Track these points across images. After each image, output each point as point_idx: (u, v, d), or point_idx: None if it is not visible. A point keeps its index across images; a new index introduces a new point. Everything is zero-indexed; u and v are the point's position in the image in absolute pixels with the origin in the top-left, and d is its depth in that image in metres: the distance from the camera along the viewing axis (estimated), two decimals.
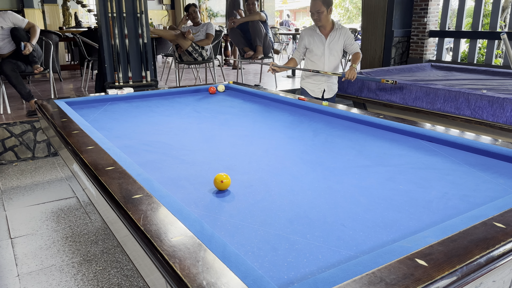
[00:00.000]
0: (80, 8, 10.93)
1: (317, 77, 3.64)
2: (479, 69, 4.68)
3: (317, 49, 3.57)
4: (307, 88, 3.71)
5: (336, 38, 3.55)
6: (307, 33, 3.60)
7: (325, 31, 3.56)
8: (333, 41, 3.55)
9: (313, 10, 3.47)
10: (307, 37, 3.59)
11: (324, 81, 3.64)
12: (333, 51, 3.57)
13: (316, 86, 3.66)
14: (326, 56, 3.57)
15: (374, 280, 0.84)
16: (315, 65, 3.62)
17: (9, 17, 4.36)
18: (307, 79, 3.71)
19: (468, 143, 1.80)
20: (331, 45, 3.55)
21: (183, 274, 0.86)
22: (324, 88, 3.65)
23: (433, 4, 6.38)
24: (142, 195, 1.25)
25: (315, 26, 3.58)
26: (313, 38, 3.57)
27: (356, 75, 3.43)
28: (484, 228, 1.04)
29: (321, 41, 3.55)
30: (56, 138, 2.17)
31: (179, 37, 5.53)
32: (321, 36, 3.55)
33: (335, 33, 3.55)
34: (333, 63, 3.62)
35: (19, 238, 2.55)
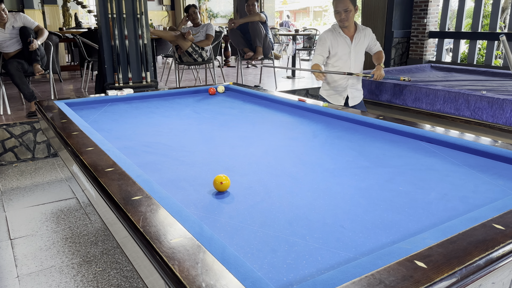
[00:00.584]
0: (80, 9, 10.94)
1: (338, 84, 3.35)
2: (479, 70, 4.69)
3: (342, 52, 3.27)
4: (328, 97, 3.43)
5: (362, 39, 3.30)
6: (330, 36, 3.28)
7: (350, 32, 3.27)
8: (359, 43, 3.29)
9: (340, 9, 3.15)
10: (330, 40, 3.27)
11: (347, 87, 3.33)
12: (358, 53, 3.31)
13: (338, 93, 3.38)
14: (352, 60, 3.28)
15: (373, 282, 0.84)
16: (338, 70, 3.31)
17: (21, 18, 4.52)
18: (327, 86, 3.41)
19: (468, 144, 1.80)
20: (357, 47, 3.28)
21: (182, 276, 0.86)
22: (347, 95, 3.36)
23: (433, 5, 6.39)
24: (142, 196, 1.25)
25: (336, 28, 3.29)
26: (337, 40, 3.27)
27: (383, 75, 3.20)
28: (483, 229, 1.04)
29: (347, 43, 3.26)
30: (56, 139, 2.17)
31: (179, 38, 5.54)
32: (346, 38, 3.26)
33: (359, 34, 3.28)
34: (359, 67, 3.36)
35: (19, 239, 2.55)
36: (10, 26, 4.47)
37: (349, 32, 3.28)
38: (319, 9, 24.20)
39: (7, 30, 4.47)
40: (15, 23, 4.48)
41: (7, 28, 4.46)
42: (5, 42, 4.50)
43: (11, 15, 4.49)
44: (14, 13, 4.54)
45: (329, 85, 3.39)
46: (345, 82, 3.32)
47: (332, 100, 3.39)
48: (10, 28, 4.48)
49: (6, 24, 4.45)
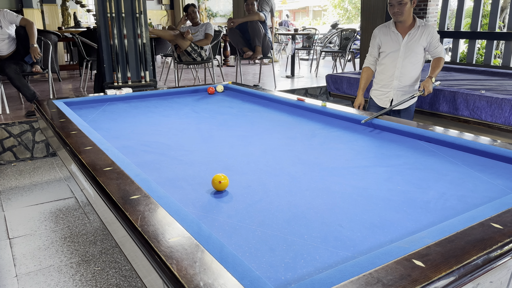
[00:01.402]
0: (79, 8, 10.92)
1: (384, 83, 3.10)
2: (478, 70, 4.69)
3: (391, 49, 2.99)
4: (374, 96, 3.19)
5: (417, 37, 2.93)
6: (381, 31, 3.05)
7: (404, 28, 2.96)
8: (413, 41, 2.93)
9: (394, 1, 2.85)
10: (380, 36, 3.06)
11: (394, 88, 3.04)
12: (411, 53, 2.95)
13: (383, 94, 3.11)
14: (400, 59, 2.97)
15: (371, 281, 0.84)
16: (385, 69, 3.06)
17: (4, 15, 4.32)
18: (375, 85, 3.19)
19: (467, 143, 1.80)
20: (409, 45, 2.94)
21: (180, 275, 0.86)
22: (392, 98, 3.08)
23: (432, 5, 6.39)
24: (140, 195, 1.25)
25: (390, 23, 3.02)
26: (388, 36, 3.00)
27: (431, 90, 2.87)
28: (481, 229, 1.04)
29: (397, 40, 2.97)
30: (55, 139, 2.17)
31: (178, 37, 5.53)
32: (398, 35, 2.96)
33: (416, 31, 2.93)
34: (409, 69, 2.99)
35: (17, 238, 2.55)
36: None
37: (403, 28, 2.96)
38: (318, 9, 24.20)
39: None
40: (2, 23, 4.30)
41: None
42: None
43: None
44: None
45: (376, 85, 3.18)
46: (390, 82, 3.05)
47: (377, 101, 3.17)
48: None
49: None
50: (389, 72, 3.03)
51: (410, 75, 3.02)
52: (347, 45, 7.13)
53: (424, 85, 2.86)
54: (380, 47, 3.08)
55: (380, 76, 3.12)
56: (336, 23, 12.01)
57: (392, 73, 3.02)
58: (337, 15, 20.89)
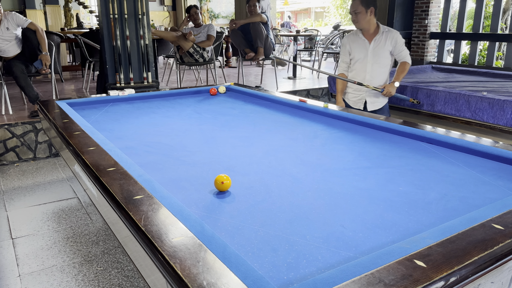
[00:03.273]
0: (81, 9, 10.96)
1: (358, 87, 3.31)
2: (480, 71, 4.69)
3: (359, 55, 3.26)
4: (348, 99, 3.42)
5: (382, 42, 3.21)
6: (350, 38, 3.32)
7: (369, 35, 3.24)
8: (379, 46, 3.21)
9: (351, 11, 3.21)
10: (349, 43, 3.31)
11: (366, 91, 3.29)
12: (378, 58, 3.21)
13: (356, 96, 3.36)
14: (369, 64, 3.23)
15: (373, 280, 0.84)
16: (356, 74, 3.29)
17: (13, 17, 4.37)
18: (347, 89, 3.41)
19: (468, 145, 1.81)
20: (375, 50, 3.21)
21: (183, 274, 0.87)
22: (365, 100, 3.33)
23: (434, 6, 6.39)
24: (143, 196, 1.26)
25: (357, 31, 3.31)
26: (356, 43, 3.27)
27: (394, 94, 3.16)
28: (482, 229, 1.04)
29: (364, 46, 3.24)
30: (58, 139, 2.18)
31: (180, 38, 5.55)
32: (365, 41, 3.24)
33: (380, 37, 3.21)
34: (378, 72, 3.25)
35: (20, 238, 2.56)
36: (4, 28, 4.32)
37: (369, 34, 3.24)
38: (320, 10, 24.21)
39: (2, 33, 4.32)
40: (9, 25, 4.34)
41: (1, 30, 4.31)
42: (1, 45, 4.37)
43: (3, 15, 4.32)
44: (6, 13, 4.37)
45: (350, 89, 3.38)
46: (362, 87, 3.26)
47: (352, 104, 3.38)
48: (4, 30, 4.33)
49: (1, 26, 4.31)
50: (360, 77, 3.27)
51: (380, 78, 3.29)
52: None
53: (386, 87, 3.19)
54: (350, 54, 3.33)
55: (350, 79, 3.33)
56: (338, 25, 12.01)
57: (363, 77, 3.27)
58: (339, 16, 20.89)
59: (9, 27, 4.35)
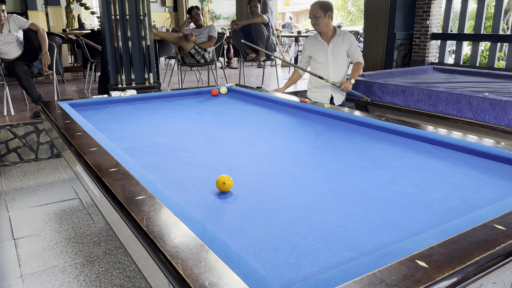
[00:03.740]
0: (83, 10, 10.98)
1: (322, 86, 3.60)
2: (481, 72, 4.69)
3: (320, 56, 3.55)
4: (313, 97, 3.69)
5: (339, 44, 3.52)
6: (309, 42, 3.61)
7: (327, 37, 3.55)
8: (336, 47, 3.52)
9: (311, 15, 3.50)
10: (309, 46, 3.60)
11: (330, 88, 3.60)
12: (337, 57, 3.53)
13: (322, 94, 3.63)
14: (330, 63, 3.54)
15: (374, 281, 0.84)
16: (320, 73, 3.57)
17: (14, 20, 4.41)
18: (313, 88, 3.69)
19: (470, 145, 1.81)
20: (334, 51, 3.53)
21: (185, 274, 0.87)
22: (331, 95, 3.61)
23: (436, 7, 6.39)
24: (145, 196, 1.26)
25: (316, 34, 3.59)
26: (315, 46, 3.56)
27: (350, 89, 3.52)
28: (484, 230, 1.04)
29: (324, 48, 3.54)
30: (60, 140, 2.19)
31: (181, 39, 5.55)
32: (323, 43, 3.54)
33: (337, 39, 3.52)
34: (339, 70, 3.58)
35: (22, 239, 2.57)
36: (6, 31, 4.35)
37: (327, 37, 3.55)
38: None
39: (4, 35, 4.34)
40: (10, 27, 4.37)
41: (3, 33, 4.34)
42: (3, 48, 4.39)
43: (6, 18, 4.35)
44: (8, 15, 4.41)
45: (315, 87, 3.68)
46: (327, 84, 3.57)
47: (317, 100, 3.66)
48: (6, 32, 4.35)
49: (3, 29, 4.34)
50: (324, 76, 3.55)
51: (340, 75, 3.62)
52: None
53: (344, 83, 3.51)
54: (312, 56, 3.63)
55: (316, 80, 3.60)
56: (339, 25, 12.02)
57: (327, 76, 3.56)
58: (340, 17, 20.88)
59: (11, 29, 4.38)
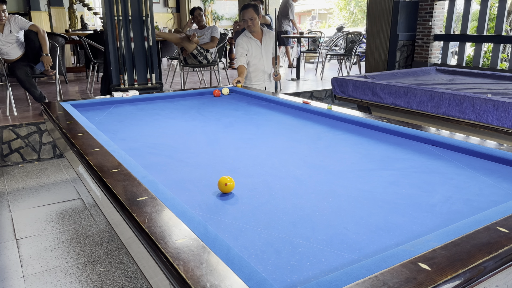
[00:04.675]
0: (86, 11, 11.00)
1: (259, 77, 4.10)
2: (484, 73, 4.67)
3: (256, 52, 4.01)
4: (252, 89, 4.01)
5: (268, 40, 4.06)
6: (244, 40, 4.00)
7: (258, 36, 4.03)
8: (266, 44, 4.05)
9: (247, 18, 3.90)
10: (245, 44, 3.98)
11: (264, 80, 4.14)
12: (268, 52, 4.08)
13: (259, 85, 4.14)
14: (264, 58, 4.06)
15: (376, 283, 0.84)
16: (256, 69, 4.06)
17: (15, 20, 4.41)
18: (252, 79, 4.16)
19: (473, 147, 1.80)
20: (265, 48, 4.04)
21: (187, 276, 0.87)
22: (265, 86, 4.14)
23: (438, 8, 6.38)
24: (147, 197, 1.26)
25: (247, 33, 4.02)
26: (250, 44, 3.99)
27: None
28: (487, 232, 1.04)
29: (257, 45, 4.02)
30: (62, 140, 2.19)
31: (184, 40, 5.56)
32: (256, 41, 4.01)
33: (266, 36, 4.05)
34: (270, 63, 4.14)
35: (24, 239, 2.57)
36: (7, 31, 4.35)
37: (258, 35, 4.03)
38: (324, 12, 24.19)
39: (5, 36, 4.35)
40: (11, 28, 4.37)
41: (4, 33, 4.34)
42: (4, 48, 4.39)
43: (7, 19, 4.35)
44: (9, 16, 4.41)
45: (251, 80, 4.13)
46: (263, 76, 4.13)
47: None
48: (7, 32, 4.36)
49: (4, 29, 4.34)
50: (260, 69, 4.08)
51: (270, 66, 4.14)
52: (353, 48, 7.12)
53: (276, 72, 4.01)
54: (248, 53, 4.01)
55: (254, 73, 4.10)
56: (342, 26, 12.01)
57: (263, 69, 4.10)
58: (342, 18, 20.88)
59: (12, 30, 4.39)
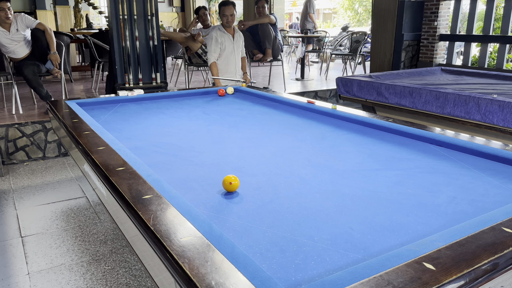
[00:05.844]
0: (91, 10, 11.03)
1: (231, 70, 4.33)
2: (490, 74, 4.65)
3: (228, 47, 4.25)
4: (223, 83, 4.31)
5: (238, 39, 4.35)
6: (218, 34, 4.20)
7: (231, 31, 4.30)
8: (237, 41, 4.33)
9: (228, 13, 4.19)
10: (219, 37, 4.20)
11: (236, 72, 4.40)
12: (238, 48, 4.33)
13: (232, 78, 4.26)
14: (235, 54, 4.30)
15: (381, 283, 0.84)
16: (227, 61, 4.27)
17: (22, 19, 4.43)
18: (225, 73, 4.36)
19: (478, 147, 1.79)
20: (236, 44, 4.31)
21: (192, 274, 0.87)
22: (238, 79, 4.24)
23: (444, 8, 6.35)
24: (152, 195, 1.27)
25: (221, 27, 4.26)
26: (224, 37, 4.21)
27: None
28: (492, 233, 1.04)
29: (230, 39, 4.28)
30: (67, 139, 2.20)
31: (189, 39, 5.57)
32: (229, 35, 4.27)
33: (237, 35, 4.34)
34: (239, 60, 4.37)
35: (29, 236, 2.59)
36: (14, 30, 4.37)
37: (231, 31, 4.31)
38: (328, 11, 24.14)
39: (11, 34, 4.37)
40: (18, 26, 4.39)
41: (11, 31, 4.36)
42: (11, 46, 4.41)
43: (13, 17, 4.37)
44: (15, 14, 4.42)
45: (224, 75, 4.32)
46: (234, 70, 4.37)
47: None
48: (14, 31, 4.37)
49: (11, 27, 4.36)
50: (232, 64, 4.32)
51: (240, 63, 4.42)
52: (358, 48, 7.11)
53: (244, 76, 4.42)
54: (221, 46, 4.23)
55: (226, 67, 4.33)
56: (347, 26, 11.98)
57: (234, 64, 4.34)
58: (347, 17, 20.83)
59: (18, 28, 4.41)
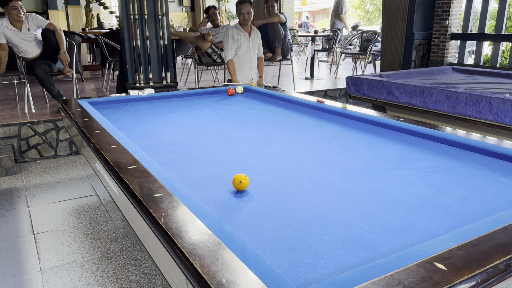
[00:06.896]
0: (102, 10, 11.12)
1: (246, 68, 4.37)
2: (502, 73, 4.59)
3: (245, 44, 4.30)
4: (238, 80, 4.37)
5: (255, 36, 4.38)
6: (235, 32, 4.26)
7: (247, 29, 4.33)
8: (254, 38, 4.36)
9: (245, 11, 4.21)
10: (235, 35, 4.25)
11: (251, 70, 4.41)
12: (254, 46, 4.37)
13: (245, 76, 4.40)
14: (251, 51, 4.33)
15: (392, 282, 0.84)
16: (243, 59, 4.32)
17: (33, 19, 4.48)
18: (240, 71, 4.38)
19: (490, 147, 1.78)
20: (253, 42, 4.34)
21: (203, 271, 0.88)
22: (252, 77, 4.43)
23: (455, 6, 6.29)
24: (163, 193, 1.28)
25: (238, 25, 4.30)
26: (240, 35, 4.27)
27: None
28: (504, 233, 1.03)
29: (246, 37, 4.31)
30: (79, 137, 2.23)
31: (198, 39, 5.59)
32: (245, 33, 4.31)
33: (254, 33, 4.36)
34: (255, 58, 4.42)
35: (41, 234, 2.62)
36: (25, 29, 4.42)
37: (247, 29, 4.34)
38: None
39: (23, 34, 4.42)
40: (29, 26, 4.44)
41: (22, 31, 4.41)
42: (23, 46, 4.47)
43: (25, 17, 4.42)
44: (27, 14, 4.47)
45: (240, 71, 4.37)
46: (249, 67, 4.40)
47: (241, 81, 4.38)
48: (25, 30, 4.42)
49: (22, 27, 4.41)
50: (248, 61, 4.36)
51: (256, 61, 4.46)
52: (368, 47, 7.07)
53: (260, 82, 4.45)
54: (237, 43, 4.27)
55: (241, 65, 4.37)
56: (357, 25, 11.92)
57: (250, 61, 4.38)
58: (357, 16, 20.71)
59: (30, 28, 4.46)
